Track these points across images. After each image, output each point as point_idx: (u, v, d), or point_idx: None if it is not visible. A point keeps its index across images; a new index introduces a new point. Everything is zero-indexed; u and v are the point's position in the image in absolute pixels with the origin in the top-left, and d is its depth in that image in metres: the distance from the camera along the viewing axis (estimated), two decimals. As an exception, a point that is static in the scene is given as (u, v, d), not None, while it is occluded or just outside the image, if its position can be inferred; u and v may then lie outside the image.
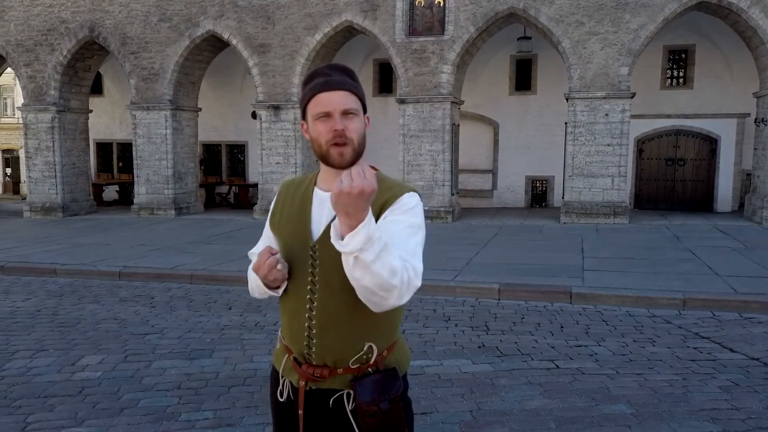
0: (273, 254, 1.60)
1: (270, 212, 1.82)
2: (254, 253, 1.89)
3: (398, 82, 13.92)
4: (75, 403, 4.04)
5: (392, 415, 1.64)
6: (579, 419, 3.71)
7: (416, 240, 1.58)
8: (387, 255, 1.41)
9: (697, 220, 13.16)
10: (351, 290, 1.53)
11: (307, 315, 1.66)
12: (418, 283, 1.51)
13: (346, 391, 1.67)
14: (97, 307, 6.75)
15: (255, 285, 1.74)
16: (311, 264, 1.65)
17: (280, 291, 1.70)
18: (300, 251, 1.67)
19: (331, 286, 1.62)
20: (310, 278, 1.65)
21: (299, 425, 1.71)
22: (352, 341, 1.66)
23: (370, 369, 1.67)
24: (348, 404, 1.67)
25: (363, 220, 1.36)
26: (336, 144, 1.60)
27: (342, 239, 1.39)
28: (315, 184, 1.74)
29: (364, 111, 1.68)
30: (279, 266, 1.60)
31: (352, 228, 1.37)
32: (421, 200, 1.68)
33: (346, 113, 1.60)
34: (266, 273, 1.60)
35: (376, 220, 1.57)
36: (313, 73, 1.66)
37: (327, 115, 1.60)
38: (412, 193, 1.65)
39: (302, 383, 1.69)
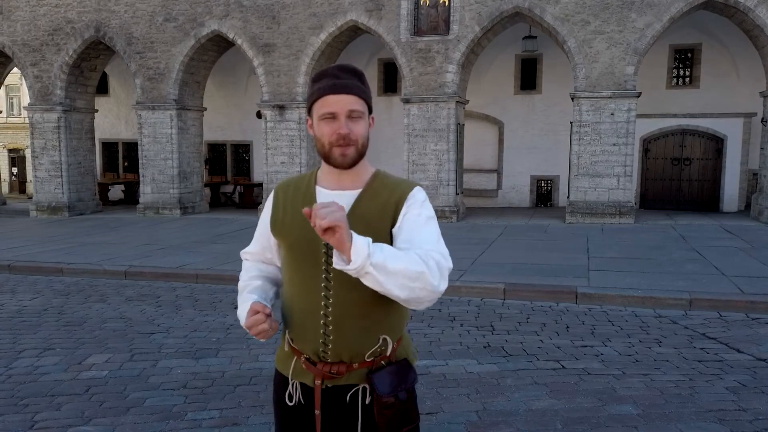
0: (267, 314, 1.63)
1: (269, 216, 1.78)
2: (248, 253, 1.91)
3: (403, 82, 13.91)
4: (82, 402, 4.05)
5: (408, 405, 1.68)
6: (585, 420, 3.70)
7: (436, 229, 1.67)
8: (393, 251, 1.48)
9: (703, 220, 13.10)
10: (363, 285, 1.56)
11: (322, 312, 1.66)
12: (449, 264, 1.58)
13: (362, 386, 1.69)
14: (104, 307, 6.78)
15: (242, 322, 1.75)
16: (325, 261, 1.65)
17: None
18: (310, 251, 1.67)
19: (346, 282, 1.62)
20: (324, 275, 1.65)
21: (315, 426, 1.70)
22: (367, 335, 1.68)
23: (383, 362, 1.70)
24: (364, 399, 1.69)
25: (351, 238, 1.42)
26: (339, 145, 1.63)
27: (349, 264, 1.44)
28: (316, 182, 1.74)
29: (370, 111, 1.70)
30: (270, 332, 1.64)
31: (349, 249, 1.42)
32: None
33: (351, 116, 1.62)
34: (256, 334, 1.63)
35: (393, 217, 1.65)
36: (322, 73, 1.67)
37: (332, 116, 1.62)
38: (418, 187, 1.72)
39: (318, 382, 1.69)
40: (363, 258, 1.41)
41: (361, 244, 1.42)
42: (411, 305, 1.56)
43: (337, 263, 1.45)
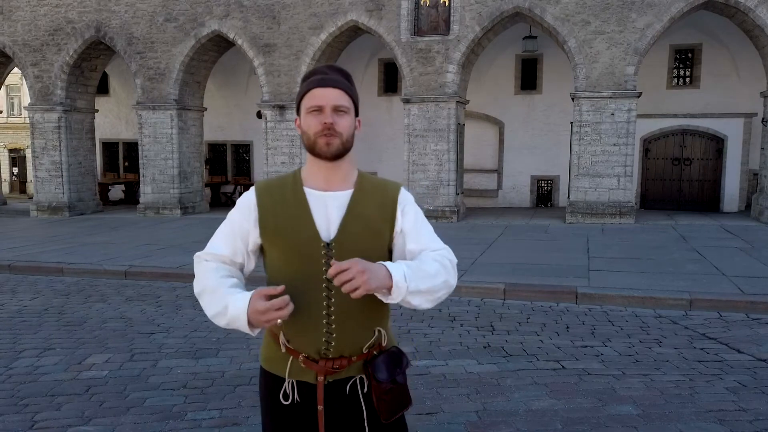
0: (280, 295, 1.57)
1: (254, 220, 1.73)
2: (212, 254, 1.78)
3: (403, 82, 13.91)
4: (82, 402, 4.06)
5: (404, 388, 1.76)
6: (585, 420, 3.70)
7: (429, 225, 1.84)
8: (421, 271, 1.64)
9: (703, 220, 13.09)
10: None
11: (324, 312, 1.69)
12: (454, 257, 1.80)
13: (359, 377, 1.74)
14: (104, 306, 6.78)
15: (231, 318, 1.64)
16: (325, 261, 1.68)
17: (256, 332, 1.66)
18: (309, 251, 1.69)
19: None
20: (325, 275, 1.68)
21: (317, 422, 1.72)
22: (366, 329, 1.74)
23: (375, 352, 1.76)
24: (362, 388, 1.74)
25: (388, 277, 1.57)
26: (324, 135, 1.66)
27: (390, 295, 1.61)
28: (303, 183, 1.75)
29: (356, 113, 1.75)
30: (279, 320, 1.58)
31: (389, 286, 1.57)
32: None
33: (337, 110, 1.67)
34: (267, 321, 1.57)
35: (392, 216, 1.74)
36: (311, 72, 1.74)
37: (319, 110, 1.67)
38: (403, 186, 1.84)
39: (320, 378, 1.71)
40: (403, 293, 1.59)
41: (401, 281, 1.57)
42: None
43: (379, 296, 1.62)
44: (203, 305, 1.75)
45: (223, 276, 1.75)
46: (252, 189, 1.80)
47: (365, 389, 1.74)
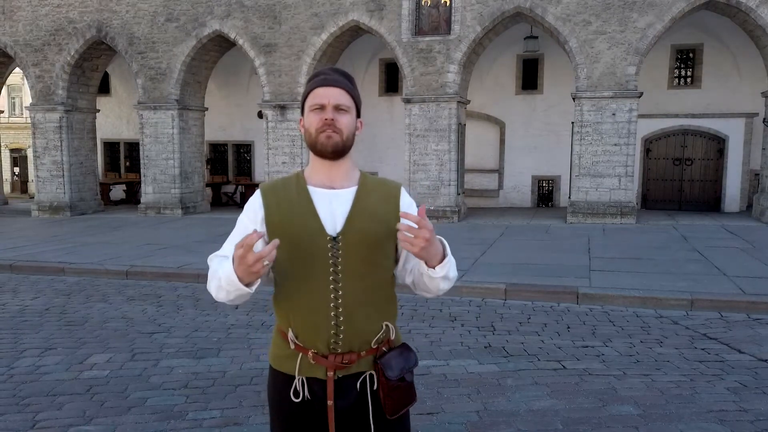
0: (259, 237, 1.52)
1: (261, 218, 1.75)
2: (219, 256, 1.77)
3: (404, 82, 13.91)
4: (83, 402, 4.06)
5: (410, 386, 1.79)
6: (586, 420, 3.70)
7: None
8: (452, 258, 1.71)
9: (704, 220, 13.09)
10: (371, 273, 1.72)
11: (332, 304, 1.71)
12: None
13: (369, 373, 1.76)
14: (105, 306, 6.79)
15: (225, 282, 1.62)
16: (332, 254, 1.70)
17: (253, 288, 1.62)
18: (314, 245, 1.70)
19: (355, 272, 1.71)
20: (332, 268, 1.70)
21: (327, 418, 1.73)
22: (374, 322, 1.76)
23: (384, 348, 1.78)
24: (372, 385, 1.76)
25: (440, 253, 1.66)
26: (324, 131, 1.71)
27: (433, 269, 1.67)
28: (306, 182, 1.78)
29: (358, 114, 1.79)
30: (266, 262, 1.51)
31: (439, 259, 1.66)
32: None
33: (338, 108, 1.72)
34: (257, 271, 1.51)
35: (396, 206, 1.77)
36: (316, 73, 1.79)
37: (321, 108, 1.72)
38: (401, 185, 1.86)
39: (330, 374, 1.72)
40: (446, 271, 1.68)
41: (448, 262, 1.68)
42: (432, 295, 1.82)
43: (424, 270, 1.70)
44: (212, 293, 1.73)
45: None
46: (257, 191, 1.82)
47: (375, 386, 1.75)
